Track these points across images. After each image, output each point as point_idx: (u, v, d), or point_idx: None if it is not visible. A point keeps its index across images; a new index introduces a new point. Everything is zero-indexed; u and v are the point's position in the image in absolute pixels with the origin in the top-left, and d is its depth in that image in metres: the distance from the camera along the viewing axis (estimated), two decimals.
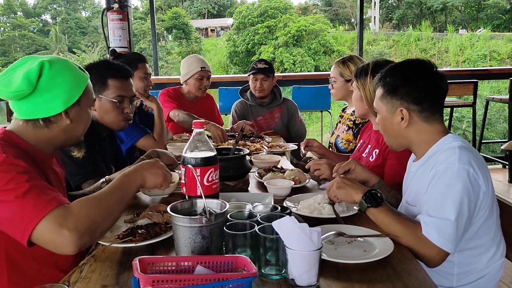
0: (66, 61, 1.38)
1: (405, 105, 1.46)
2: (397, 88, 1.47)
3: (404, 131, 1.48)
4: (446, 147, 1.40)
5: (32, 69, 1.27)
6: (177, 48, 30.17)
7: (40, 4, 43.92)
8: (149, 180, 1.36)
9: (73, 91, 1.35)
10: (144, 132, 2.55)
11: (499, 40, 24.47)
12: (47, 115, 1.32)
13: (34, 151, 1.34)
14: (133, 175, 1.35)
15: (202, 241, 1.14)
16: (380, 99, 1.52)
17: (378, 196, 1.38)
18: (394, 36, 27.75)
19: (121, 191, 1.29)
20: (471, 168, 1.33)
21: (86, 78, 1.41)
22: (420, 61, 1.52)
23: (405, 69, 1.51)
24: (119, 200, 1.27)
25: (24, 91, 1.26)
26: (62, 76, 1.32)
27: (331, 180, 1.53)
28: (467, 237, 1.38)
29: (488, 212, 1.40)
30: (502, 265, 1.48)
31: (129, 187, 1.32)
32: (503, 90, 12.93)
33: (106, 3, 4.16)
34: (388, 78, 1.50)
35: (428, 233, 1.30)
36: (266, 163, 2.28)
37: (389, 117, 1.50)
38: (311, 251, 1.06)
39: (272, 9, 27.85)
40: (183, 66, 3.37)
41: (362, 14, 5.23)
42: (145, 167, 1.37)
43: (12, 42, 35.39)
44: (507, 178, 4.74)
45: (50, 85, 1.30)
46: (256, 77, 3.39)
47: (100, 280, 1.14)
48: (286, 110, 3.51)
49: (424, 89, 1.45)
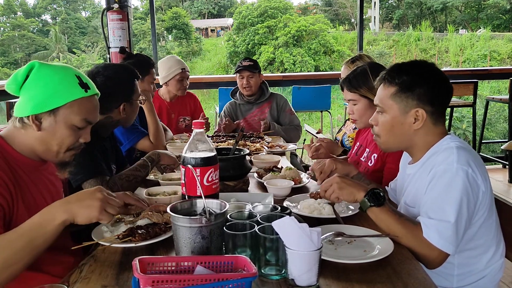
0: (63, 70, 1.34)
1: (421, 105, 1.41)
2: (413, 86, 1.41)
3: (413, 133, 1.44)
4: (444, 148, 1.40)
5: (22, 69, 1.30)
6: (177, 48, 30.16)
7: (40, 4, 43.90)
8: (80, 215, 1.19)
9: (51, 99, 1.29)
10: (142, 134, 2.56)
11: (499, 40, 24.47)
12: (20, 115, 1.32)
13: (21, 158, 1.33)
14: (52, 211, 1.18)
15: (202, 241, 1.14)
16: (391, 97, 1.44)
17: (381, 195, 1.37)
18: (394, 36, 27.74)
19: (30, 233, 1.14)
20: (469, 169, 1.32)
21: (79, 93, 1.33)
22: (429, 63, 1.49)
23: (419, 68, 1.47)
24: (24, 245, 1.12)
25: (11, 88, 1.31)
26: (45, 80, 1.30)
27: (326, 181, 1.50)
28: (467, 238, 1.38)
29: (487, 212, 1.40)
30: (502, 266, 1.48)
31: (43, 227, 1.15)
32: (503, 90, 12.92)
33: (106, 3, 4.17)
34: (405, 76, 1.43)
35: (428, 235, 1.29)
36: (266, 163, 2.28)
37: (400, 117, 1.44)
38: (311, 251, 1.06)
39: (272, 9, 27.85)
40: (162, 68, 3.37)
41: (362, 14, 5.23)
42: (74, 199, 1.22)
43: (12, 42, 35.38)
44: (507, 178, 4.74)
45: (32, 86, 1.30)
46: (242, 75, 3.44)
47: (100, 280, 1.14)
48: (275, 104, 3.54)
49: (439, 91, 1.43)
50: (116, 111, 1.93)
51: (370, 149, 2.09)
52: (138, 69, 2.15)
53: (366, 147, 2.14)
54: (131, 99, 2.00)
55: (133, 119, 2.11)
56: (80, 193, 1.24)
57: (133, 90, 2.02)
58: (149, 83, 2.75)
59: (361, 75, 1.98)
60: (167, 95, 3.44)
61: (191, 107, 3.59)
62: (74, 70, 1.37)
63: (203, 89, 7.56)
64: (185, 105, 3.54)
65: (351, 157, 2.30)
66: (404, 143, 1.49)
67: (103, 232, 1.39)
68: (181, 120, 3.50)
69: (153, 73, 2.79)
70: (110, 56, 4.27)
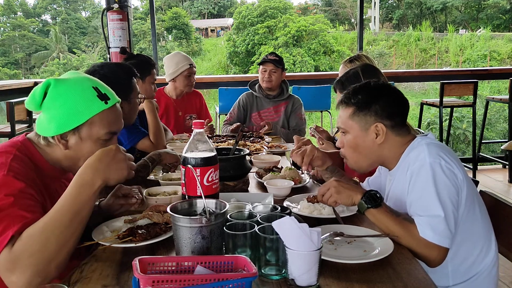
0: (79, 83, 1.31)
1: (379, 120, 1.47)
2: (369, 103, 1.48)
3: (378, 148, 1.49)
4: (415, 147, 1.45)
5: (39, 87, 1.29)
6: (177, 48, 30.13)
7: (40, 4, 43.93)
8: (112, 178, 1.22)
9: (72, 117, 1.28)
10: (142, 134, 2.56)
11: (499, 40, 24.47)
12: (44, 134, 1.32)
13: (46, 165, 1.34)
14: (86, 179, 1.19)
15: (202, 241, 1.14)
16: (350, 117, 1.50)
17: (377, 196, 1.38)
18: (394, 36, 27.76)
19: (74, 206, 1.16)
20: (442, 160, 1.36)
21: (99, 107, 1.30)
22: (383, 83, 1.57)
23: (370, 88, 1.53)
24: (72, 218, 1.15)
25: (32, 107, 1.30)
26: (63, 98, 1.28)
27: (323, 185, 1.51)
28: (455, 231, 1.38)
29: (470, 202, 1.40)
30: (497, 261, 1.48)
31: (83, 196, 1.17)
32: (503, 90, 12.94)
33: (106, 3, 4.17)
34: (359, 95, 1.50)
35: (424, 233, 1.31)
36: (266, 163, 2.28)
37: (362, 135, 1.49)
38: (311, 251, 1.06)
39: (272, 9, 27.86)
40: (170, 64, 3.35)
41: (362, 14, 5.24)
42: (103, 164, 1.21)
43: (12, 42, 35.40)
44: (507, 178, 4.75)
45: (51, 105, 1.29)
46: (265, 68, 3.43)
47: (101, 280, 1.14)
48: (291, 105, 3.54)
49: (395, 104, 1.49)
50: None
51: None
52: (139, 69, 2.15)
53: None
54: (130, 98, 1.99)
55: (134, 118, 2.11)
56: (104, 157, 1.23)
57: (131, 88, 2.01)
58: (150, 83, 2.75)
59: (353, 77, 2.02)
60: (174, 92, 3.43)
61: (197, 105, 3.58)
62: (91, 81, 1.34)
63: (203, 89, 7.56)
64: (191, 103, 3.53)
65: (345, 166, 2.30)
66: (372, 159, 1.53)
67: (103, 232, 1.40)
68: (187, 118, 3.50)
69: (154, 73, 2.79)
70: (110, 56, 4.27)
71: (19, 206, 1.14)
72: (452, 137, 8.04)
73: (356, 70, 2.03)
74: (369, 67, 2.07)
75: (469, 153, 6.15)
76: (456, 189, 1.35)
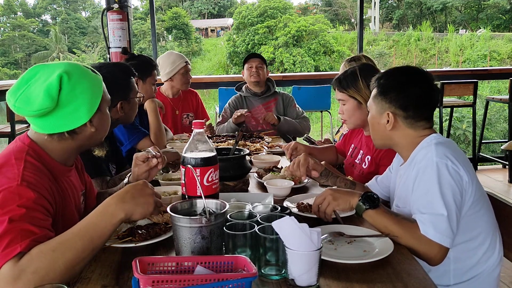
0: (80, 67, 1.34)
1: (392, 109, 1.50)
2: (388, 91, 1.51)
3: (389, 133, 1.53)
4: (424, 146, 1.45)
5: (52, 84, 1.23)
6: (177, 48, 30.14)
7: (40, 4, 43.95)
8: (136, 213, 1.20)
9: (94, 99, 1.33)
10: (143, 134, 2.56)
11: (499, 40, 24.48)
12: (72, 127, 1.30)
13: (54, 165, 1.33)
14: (109, 210, 1.17)
15: (202, 241, 1.14)
16: (372, 98, 1.57)
17: (375, 197, 1.39)
18: (394, 36, 27.76)
19: (91, 233, 1.14)
20: (448, 161, 1.36)
21: (100, 81, 1.39)
22: (418, 69, 1.54)
23: (400, 74, 1.55)
24: (86, 245, 1.12)
25: (48, 108, 1.24)
26: (81, 85, 1.30)
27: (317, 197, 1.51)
28: (460, 230, 1.38)
29: (476, 203, 1.40)
30: (500, 262, 1.48)
31: (102, 226, 1.15)
32: (503, 90, 12.93)
33: (106, 3, 4.16)
34: (383, 80, 1.54)
35: (425, 231, 1.31)
36: (266, 163, 2.28)
37: (377, 117, 1.55)
38: (311, 251, 1.06)
39: (272, 9, 27.86)
40: (165, 64, 3.35)
41: (362, 14, 5.23)
42: (129, 197, 1.20)
43: (12, 42, 35.41)
44: (507, 178, 4.74)
45: (71, 97, 1.28)
46: (251, 64, 3.46)
47: (100, 280, 1.14)
48: (281, 101, 3.56)
49: (412, 97, 1.49)
50: (114, 110, 1.92)
51: (364, 151, 2.10)
52: (140, 70, 2.15)
53: (360, 149, 2.15)
54: (128, 97, 1.99)
55: (133, 117, 2.11)
56: (131, 190, 1.22)
57: (129, 88, 2.01)
58: (151, 84, 2.74)
59: (350, 76, 2.03)
60: (170, 91, 3.43)
61: (193, 104, 3.59)
62: (80, 65, 1.36)
63: (203, 89, 7.55)
64: (187, 101, 3.53)
65: (346, 159, 2.30)
66: (384, 141, 1.59)
67: None
68: (184, 117, 3.50)
69: (155, 74, 2.78)
70: (110, 56, 4.26)
71: (29, 219, 1.12)
72: (452, 137, 8.03)
73: (354, 69, 2.04)
74: (367, 66, 2.08)
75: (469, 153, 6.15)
76: (460, 191, 1.35)
